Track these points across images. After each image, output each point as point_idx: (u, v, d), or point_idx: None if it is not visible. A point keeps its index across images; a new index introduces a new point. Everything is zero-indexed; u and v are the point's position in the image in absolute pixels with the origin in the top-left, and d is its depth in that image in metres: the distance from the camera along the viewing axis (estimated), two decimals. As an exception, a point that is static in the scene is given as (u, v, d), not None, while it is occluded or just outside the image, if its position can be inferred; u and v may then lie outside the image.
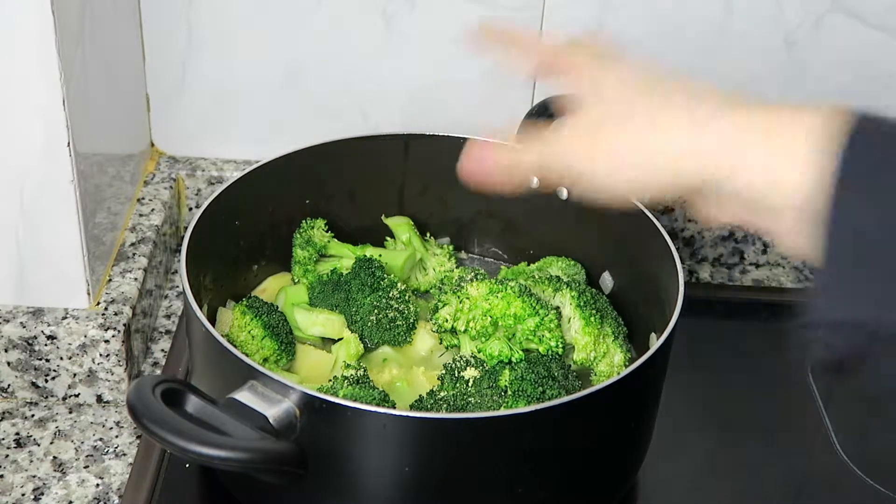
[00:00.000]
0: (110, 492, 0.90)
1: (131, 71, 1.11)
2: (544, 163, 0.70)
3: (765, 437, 1.01)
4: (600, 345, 0.94)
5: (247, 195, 0.98)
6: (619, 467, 0.90)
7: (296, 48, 1.12)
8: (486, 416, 0.82)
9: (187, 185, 1.17)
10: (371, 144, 1.04)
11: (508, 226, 1.10)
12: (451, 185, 1.04)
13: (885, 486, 0.96)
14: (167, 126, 1.18)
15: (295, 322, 0.99)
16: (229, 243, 0.99)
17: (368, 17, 1.10)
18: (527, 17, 1.10)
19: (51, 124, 0.87)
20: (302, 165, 1.01)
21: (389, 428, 0.76)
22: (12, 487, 0.90)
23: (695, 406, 1.03)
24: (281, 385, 0.75)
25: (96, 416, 0.97)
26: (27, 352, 0.95)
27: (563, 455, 0.82)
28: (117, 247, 1.04)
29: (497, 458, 0.80)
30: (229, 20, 1.11)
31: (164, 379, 0.68)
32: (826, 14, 1.09)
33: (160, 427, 0.69)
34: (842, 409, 1.04)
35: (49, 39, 0.84)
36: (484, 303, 0.93)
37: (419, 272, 1.07)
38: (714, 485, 0.96)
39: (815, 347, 0.57)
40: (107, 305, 0.97)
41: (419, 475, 0.79)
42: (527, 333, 0.92)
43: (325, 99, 1.15)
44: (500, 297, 0.93)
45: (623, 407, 0.84)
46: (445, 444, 0.78)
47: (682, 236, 1.20)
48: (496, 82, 1.13)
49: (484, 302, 0.93)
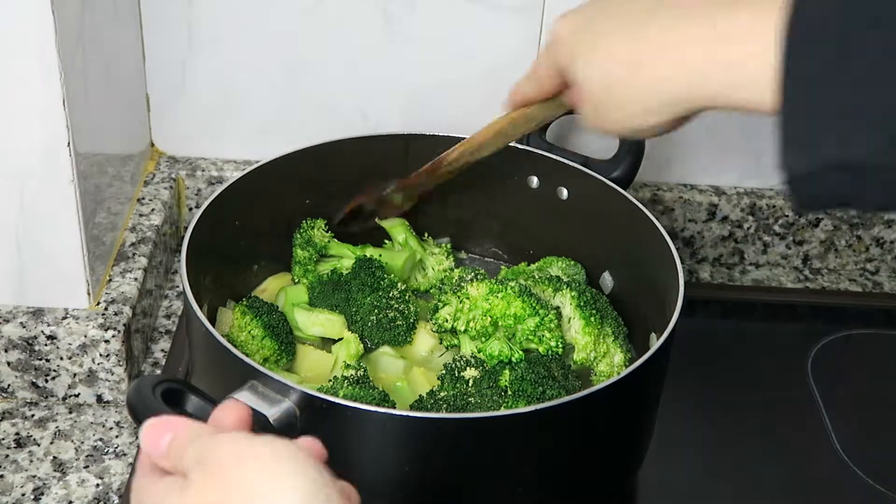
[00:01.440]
0: (110, 492, 0.90)
1: (131, 71, 1.11)
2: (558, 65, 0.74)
3: (765, 437, 1.01)
4: (600, 345, 0.94)
5: (247, 195, 0.98)
6: (619, 467, 0.90)
7: (296, 48, 1.12)
8: (486, 416, 0.82)
9: (187, 185, 1.17)
10: (371, 144, 1.04)
11: (508, 226, 1.10)
12: (451, 185, 1.05)
13: (885, 486, 0.96)
14: (167, 126, 1.18)
15: (295, 322, 0.99)
16: (229, 243, 0.99)
17: (368, 18, 1.10)
18: (527, 17, 1.10)
19: (51, 124, 0.87)
20: (302, 165, 1.01)
21: (389, 428, 0.76)
22: (12, 487, 0.90)
23: (695, 406, 1.03)
24: (281, 385, 0.75)
25: (96, 416, 0.97)
26: (27, 352, 0.95)
27: (563, 455, 0.82)
28: (117, 247, 1.04)
29: (497, 458, 0.80)
30: (229, 20, 1.11)
31: (164, 379, 0.68)
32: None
33: None
34: (842, 409, 1.04)
35: (49, 39, 0.84)
36: (484, 303, 0.93)
37: (419, 272, 1.07)
38: (714, 485, 0.96)
39: (795, 201, 0.56)
40: (107, 305, 0.97)
41: (419, 475, 0.79)
42: (527, 333, 0.92)
43: (325, 99, 1.15)
44: (500, 297, 0.93)
45: (623, 407, 0.85)
46: (445, 444, 0.79)
47: (682, 236, 1.20)
48: (496, 82, 1.14)
49: (484, 302, 0.93)
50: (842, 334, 1.13)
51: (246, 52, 1.13)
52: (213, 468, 0.56)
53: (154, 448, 0.60)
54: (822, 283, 1.21)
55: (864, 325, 1.15)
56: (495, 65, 1.12)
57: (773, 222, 1.20)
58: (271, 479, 0.55)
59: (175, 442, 0.59)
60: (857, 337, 1.13)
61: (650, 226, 0.94)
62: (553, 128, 1.10)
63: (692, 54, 0.62)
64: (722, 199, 1.19)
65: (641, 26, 0.65)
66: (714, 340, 1.12)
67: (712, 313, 1.17)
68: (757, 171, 1.20)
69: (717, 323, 1.16)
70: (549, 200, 1.05)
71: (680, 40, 0.63)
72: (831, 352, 1.11)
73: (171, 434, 0.60)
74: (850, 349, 1.13)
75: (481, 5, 1.09)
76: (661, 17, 0.64)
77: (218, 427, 0.61)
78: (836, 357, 1.11)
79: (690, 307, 0.86)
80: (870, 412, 1.05)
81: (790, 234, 1.21)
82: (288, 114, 1.16)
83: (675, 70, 0.63)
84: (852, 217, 1.19)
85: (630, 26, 0.66)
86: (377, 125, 1.16)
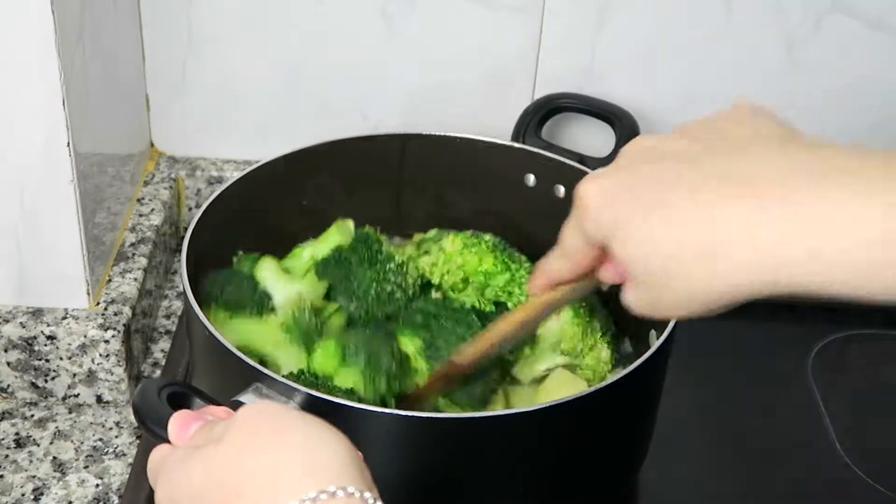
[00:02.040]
0: (110, 492, 0.90)
1: (131, 71, 1.11)
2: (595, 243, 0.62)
3: (765, 438, 1.01)
4: (588, 338, 0.95)
5: (247, 195, 0.98)
6: (619, 467, 0.90)
7: (296, 48, 1.12)
8: (487, 415, 0.82)
9: (187, 185, 1.17)
10: (369, 144, 1.04)
11: (505, 224, 1.09)
12: (449, 184, 1.05)
13: (885, 487, 0.96)
14: (167, 126, 1.18)
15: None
16: (229, 243, 0.99)
17: (368, 17, 1.10)
18: (527, 17, 1.10)
19: (51, 124, 0.87)
20: (302, 165, 1.01)
21: (393, 428, 0.76)
22: (12, 487, 0.90)
23: (695, 406, 1.03)
24: (285, 387, 0.75)
25: (96, 416, 0.97)
26: (27, 352, 0.95)
27: (562, 455, 0.82)
28: (117, 247, 1.04)
29: (497, 457, 0.80)
30: (229, 20, 1.11)
31: (170, 382, 0.69)
32: (826, 14, 1.09)
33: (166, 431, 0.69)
34: (842, 409, 1.04)
35: (49, 39, 0.84)
36: (458, 257, 0.94)
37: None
38: (714, 485, 0.96)
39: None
40: (107, 305, 0.97)
41: (423, 474, 0.79)
42: (496, 290, 0.93)
43: (325, 99, 1.15)
44: (473, 251, 0.94)
45: (623, 407, 0.84)
46: (447, 444, 0.78)
47: (682, 236, 1.20)
48: (496, 82, 1.14)
49: (458, 257, 0.94)
50: (842, 334, 1.13)
51: (246, 52, 1.13)
52: (251, 421, 0.56)
53: (181, 435, 0.61)
54: (822, 283, 1.21)
55: (864, 325, 1.15)
56: (495, 65, 1.12)
57: (773, 222, 1.20)
58: (317, 424, 0.56)
59: (206, 425, 0.61)
60: (857, 337, 1.13)
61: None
62: (549, 125, 1.10)
63: (780, 235, 0.52)
64: (722, 199, 1.19)
65: (712, 204, 0.54)
66: (714, 340, 1.11)
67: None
68: (757, 171, 1.20)
69: (717, 323, 1.16)
70: (545, 198, 1.05)
71: (761, 221, 0.52)
72: (831, 352, 1.11)
73: (199, 423, 0.61)
74: (850, 349, 1.13)
75: (481, 5, 1.09)
76: (732, 188, 0.54)
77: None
78: (836, 357, 1.11)
79: (690, 307, 0.86)
80: (870, 412, 1.05)
81: (790, 234, 1.21)
82: (288, 114, 1.16)
83: (756, 254, 0.53)
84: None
85: (696, 202, 0.55)
86: (377, 125, 1.16)
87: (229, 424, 0.57)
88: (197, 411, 0.64)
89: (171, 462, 0.59)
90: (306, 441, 0.55)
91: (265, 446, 0.54)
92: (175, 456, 0.59)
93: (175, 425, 0.62)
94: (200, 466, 0.56)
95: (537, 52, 1.11)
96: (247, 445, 0.55)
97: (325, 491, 0.51)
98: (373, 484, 0.55)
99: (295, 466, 0.53)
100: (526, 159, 1.04)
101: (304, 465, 0.53)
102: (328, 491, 0.51)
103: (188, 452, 0.58)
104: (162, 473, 0.59)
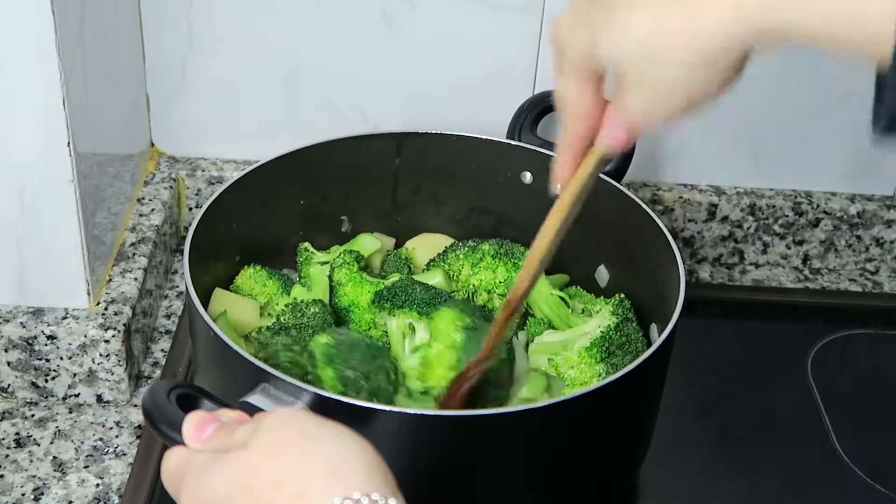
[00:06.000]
0: (110, 492, 0.90)
1: (131, 71, 1.11)
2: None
3: (765, 437, 1.01)
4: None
5: (247, 195, 0.98)
6: (619, 467, 0.90)
7: (296, 48, 1.12)
8: (487, 414, 0.82)
9: (187, 185, 1.17)
10: (364, 143, 1.05)
11: (502, 221, 1.10)
12: (444, 181, 1.05)
13: (885, 487, 0.96)
14: (167, 126, 1.18)
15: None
16: (229, 243, 0.99)
17: (368, 17, 1.10)
18: (527, 17, 1.10)
19: (51, 124, 0.87)
20: (301, 165, 1.01)
21: (404, 426, 0.76)
22: (12, 487, 0.90)
23: (695, 406, 1.03)
24: (293, 387, 0.75)
25: (96, 416, 0.97)
26: (27, 352, 0.95)
27: (562, 454, 0.82)
28: (117, 247, 1.04)
29: (497, 457, 0.80)
30: (229, 20, 1.11)
31: (179, 384, 0.69)
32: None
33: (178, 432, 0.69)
34: (842, 409, 1.04)
35: (49, 39, 0.84)
36: (473, 280, 1.01)
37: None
38: (714, 485, 0.96)
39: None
40: (107, 305, 0.97)
41: (434, 472, 0.79)
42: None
43: (324, 99, 1.15)
44: (482, 266, 1.00)
45: (623, 406, 0.84)
46: (459, 442, 0.79)
47: (683, 236, 1.20)
48: (496, 82, 1.14)
49: (473, 279, 1.01)
50: (842, 334, 1.13)
51: (246, 51, 1.13)
52: (277, 428, 0.57)
53: (197, 436, 0.61)
54: (821, 283, 1.21)
55: (864, 325, 1.15)
56: (495, 65, 1.12)
57: (773, 222, 1.20)
58: (343, 431, 0.56)
59: (223, 427, 0.60)
60: (857, 337, 1.13)
61: (647, 219, 0.94)
62: (545, 122, 1.10)
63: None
64: (722, 199, 1.19)
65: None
66: (714, 340, 1.12)
67: (712, 313, 1.17)
68: (757, 171, 1.20)
69: (716, 323, 1.16)
70: (543, 196, 1.05)
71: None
72: (831, 352, 1.11)
73: (216, 424, 0.61)
74: (850, 349, 1.13)
75: (481, 5, 1.09)
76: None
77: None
78: (836, 357, 1.11)
79: (690, 307, 0.86)
80: (870, 412, 1.05)
81: (790, 234, 1.21)
82: (288, 114, 1.16)
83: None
84: (852, 217, 1.19)
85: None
86: (377, 125, 1.16)
87: (254, 430, 0.57)
88: (211, 413, 0.64)
89: (195, 467, 0.59)
90: (332, 448, 0.55)
91: (292, 454, 0.55)
92: (198, 460, 0.59)
93: (191, 426, 0.62)
94: (226, 472, 0.56)
95: (537, 52, 1.12)
96: (274, 452, 0.55)
97: (350, 498, 0.52)
98: (397, 490, 0.55)
99: (321, 474, 0.54)
100: (522, 157, 1.04)
101: (330, 473, 0.54)
102: (353, 498, 0.52)
103: (212, 457, 0.58)
104: (188, 478, 0.59)
